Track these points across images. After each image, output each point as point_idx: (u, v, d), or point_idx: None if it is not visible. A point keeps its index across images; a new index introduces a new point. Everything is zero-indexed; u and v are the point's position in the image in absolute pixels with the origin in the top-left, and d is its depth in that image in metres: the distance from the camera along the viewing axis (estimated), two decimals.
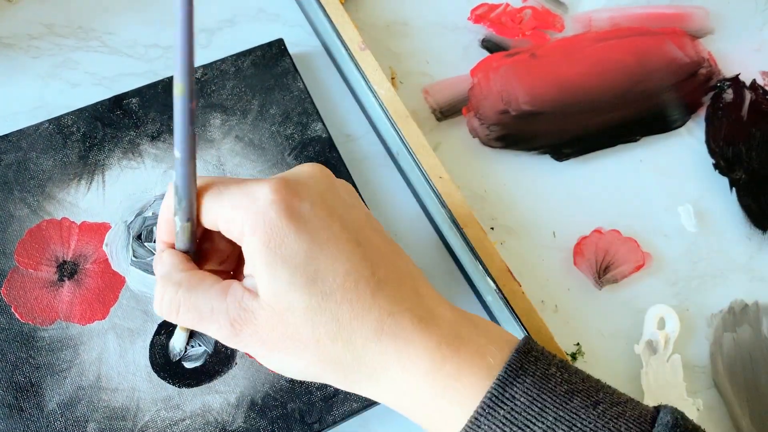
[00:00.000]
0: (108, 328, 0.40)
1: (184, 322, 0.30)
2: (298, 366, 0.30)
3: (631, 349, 0.44)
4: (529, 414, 0.27)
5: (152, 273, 0.42)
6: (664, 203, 0.49)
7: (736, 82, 0.53)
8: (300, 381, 0.40)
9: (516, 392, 0.27)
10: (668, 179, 0.50)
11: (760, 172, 0.50)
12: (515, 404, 0.27)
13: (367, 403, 0.40)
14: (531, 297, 0.43)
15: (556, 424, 0.27)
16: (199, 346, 0.40)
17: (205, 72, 0.47)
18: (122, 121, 0.45)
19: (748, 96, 0.52)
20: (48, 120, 0.45)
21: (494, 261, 0.42)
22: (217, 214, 0.30)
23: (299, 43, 0.51)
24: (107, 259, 0.42)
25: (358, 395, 0.40)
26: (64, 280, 0.41)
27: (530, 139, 0.50)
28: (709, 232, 0.48)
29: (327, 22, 0.49)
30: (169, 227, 0.32)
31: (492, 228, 0.47)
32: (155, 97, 0.46)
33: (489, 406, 0.27)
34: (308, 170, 0.31)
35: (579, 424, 0.27)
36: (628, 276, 0.46)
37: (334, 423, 0.39)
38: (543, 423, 0.27)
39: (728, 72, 0.53)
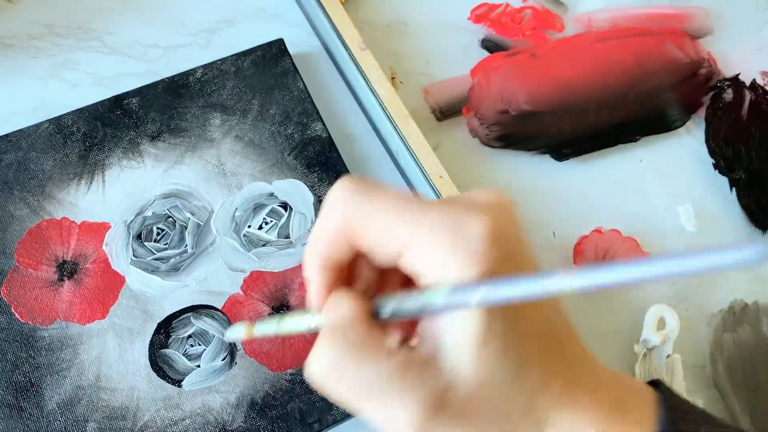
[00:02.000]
0: (107, 328, 0.40)
1: (342, 394, 0.24)
2: None
3: (630, 349, 0.44)
4: None
5: (152, 272, 0.42)
6: (664, 203, 0.49)
7: (735, 82, 0.53)
8: (300, 381, 0.40)
9: None
10: (668, 179, 0.50)
11: (759, 171, 0.50)
12: None
13: None
14: None
15: None
16: (199, 345, 0.40)
17: (205, 72, 0.47)
18: (122, 121, 0.45)
19: (747, 96, 0.52)
20: (48, 120, 0.45)
21: None
22: (406, 243, 0.24)
23: (299, 43, 0.51)
24: (107, 259, 0.42)
25: None
26: (63, 280, 0.41)
27: (530, 139, 0.50)
28: (709, 232, 0.48)
29: (327, 22, 0.49)
30: (330, 256, 0.26)
31: None
32: (155, 97, 0.46)
33: None
34: (501, 205, 0.25)
35: None
36: None
37: (334, 423, 0.39)
38: None
39: (728, 72, 0.53)
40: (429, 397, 0.23)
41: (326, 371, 0.24)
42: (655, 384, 0.29)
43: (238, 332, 0.31)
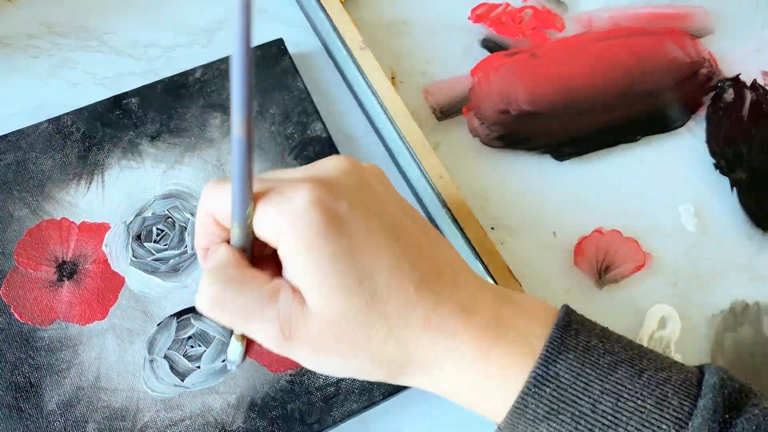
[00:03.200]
0: (107, 329, 0.40)
1: (227, 320, 0.30)
2: (349, 367, 0.30)
3: None
4: (575, 390, 0.27)
5: (151, 273, 0.42)
6: (665, 203, 0.49)
7: (736, 82, 0.53)
8: (299, 382, 0.40)
9: (560, 369, 0.28)
10: (669, 179, 0.50)
11: (760, 172, 0.50)
12: (560, 381, 0.28)
13: (367, 404, 0.40)
14: None
15: (602, 397, 0.27)
16: (199, 346, 0.40)
17: (205, 72, 0.47)
18: (122, 121, 0.45)
19: (748, 96, 0.52)
20: (47, 120, 0.45)
21: (494, 261, 0.42)
22: (262, 222, 0.29)
23: (299, 43, 0.51)
24: (107, 260, 0.42)
25: (357, 396, 0.40)
26: (63, 281, 0.41)
27: (530, 139, 0.49)
28: (710, 232, 0.48)
29: (327, 22, 0.48)
30: (207, 229, 0.31)
31: (492, 228, 0.47)
32: (155, 97, 0.46)
33: (534, 386, 0.28)
34: (338, 165, 0.31)
35: (626, 395, 0.27)
36: (629, 276, 0.46)
37: (334, 423, 0.39)
38: (589, 397, 0.27)
39: (729, 72, 0.53)
40: (283, 321, 0.28)
41: (211, 302, 0.29)
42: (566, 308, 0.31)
43: (233, 351, 0.38)
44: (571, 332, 0.29)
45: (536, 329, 0.29)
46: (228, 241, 0.31)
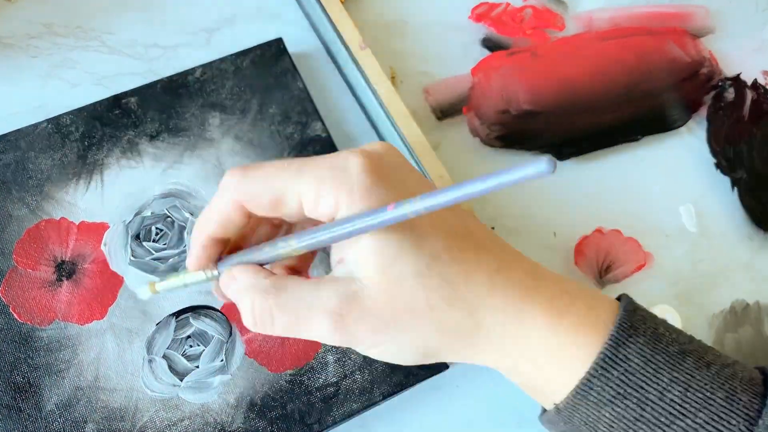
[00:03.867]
0: (106, 328, 0.40)
1: (281, 329, 0.28)
2: (415, 343, 0.28)
3: None
4: (644, 375, 0.27)
5: (150, 273, 0.41)
6: (666, 203, 0.49)
7: (737, 81, 0.53)
8: (299, 382, 0.39)
9: (630, 353, 0.27)
10: (669, 179, 0.50)
11: (761, 171, 0.49)
12: (629, 365, 0.27)
13: (367, 404, 0.39)
14: None
15: (671, 386, 0.26)
16: (198, 345, 0.40)
17: (205, 71, 0.47)
18: (121, 121, 0.45)
19: (749, 95, 0.52)
20: (47, 119, 0.45)
21: None
22: (300, 194, 0.27)
23: (299, 42, 0.51)
24: (106, 259, 0.42)
25: (357, 396, 0.39)
26: (62, 280, 0.41)
27: (531, 139, 0.49)
28: (711, 232, 0.48)
29: (327, 22, 0.48)
30: (224, 217, 0.29)
31: (492, 228, 0.47)
32: (154, 96, 0.46)
33: (602, 367, 0.27)
34: (382, 147, 0.30)
35: (695, 385, 0.26)
36: (630, 276, 0.46)
37: (334, 423, 0.39)
38: (658, 384, 0.27)
39: (729, 71, 0.53)
40: (334, 306, 0.27)
41: (260, 317, 0.28)
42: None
43: (143, 291, 0.33)
44: (639, 317, 0.28)
45: (603, 307, 0.28)
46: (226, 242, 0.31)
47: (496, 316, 0.27)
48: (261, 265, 0.30)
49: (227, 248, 0.32)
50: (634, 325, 0.28)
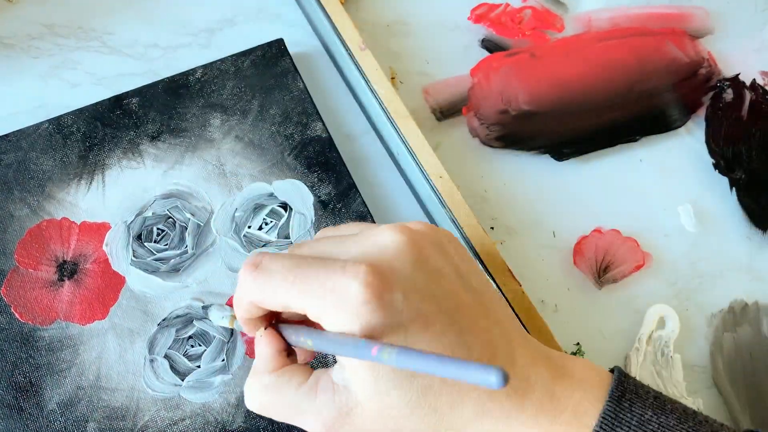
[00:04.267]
0: (108, 328, 0.40)
1: (279, 419, 0.31)
2: None
3: (630, 349, 0.44)
4: None
5: (152, 273, 0.42)
6: (664, 203, 0.49)
7: (735, 82, 0.53)
8: None
9: None
10: (668, 179, 0.50)
11: (760, 171, 0.50)
12: None
13: None
14: (531, 297, 0.43)
15: None
16: (199, 345, 0.40)
17: (205, 72, 0.47)
18: (122, 121, 0.45)
19: (747, 96, 0.52)
20: (48, 120, 0.45)
21: (494, 261, 0.42)
22: (305, 311, 0.28)
23: (299, 43, 0.51)
24: (107, 259, 0.42)
25: None
26: (64, 280, 0.41)
27: (530, 139, 0.50)
28: (709, 232, 0.48)
29: (327, 22, 0.49)
30: (248, 310, 0.31)
31: (492, 228, 0.47)
32: (155, 97, 0.46)
33: None
34: (393, 241, 0.29)
35: None
36: (628, 276, 0.46)
37: None
38: None
39: (728, 72, 0.53)
40: (331, 416, 0.28)
41: (258, 408, 0.31)
42: (613, 371, 0.31)
43: (221, 320, 0.37)
44: (625, 405, 0.28)
45: (590, 406, 0.29)
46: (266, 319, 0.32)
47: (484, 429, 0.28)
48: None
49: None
50: (618, 416, 0.28)
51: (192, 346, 0.40)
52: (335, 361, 0.32)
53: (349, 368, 0.28)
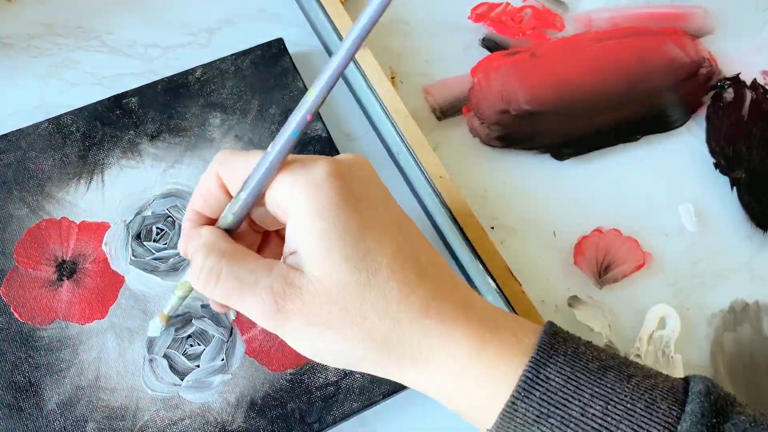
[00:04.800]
0: (107, 328, 0.40)
1: (222, 292, 0.29)
2: (340, 347, 0.29)
3: (631, 349, 0.44)
4: (565, 393, 0.28)
5: (151, 272, 0.42)
6: (665, 203, 0.49)
7: (736, 81, 0.53)
8: (299, 381, 0.40)
9: (550, 372, 0.28)
10: (669, 179, 0.50)
11: (760, 171, 0.50)
12: (550, 385, 0.28)
13: (367, 403, 0.40)
14: (531, 297, 0.43)
15: (592, 401, 0.27)
16: (198, 345, 0.40)
17: (205, 71, 0.47)
18: (121, 121, 0.45)
19: (748, 95, 0.52)
20: (47, 119, 0.45)
21: (494, 260, 0.42)
22: (275, 189, 0.30)
23: (299, 42, 0.51)
24: (106, 259, 0.42)
25: (357, 395, 0.39)
26: (63, 280, 0.41)
27: (530, 139, 0.50)
28: (710, 232, 0.48)
29: (327, 22, 0.49)
30: (209, 194, 0.32)
31: (492, 228, 0.47)
32: (155, 96, 0.46)
33: (524, 388, 0.28)
34: (355, 159, 0.32)
35: (615, 398, 0.27)
36: (629, 275, 0.46)
37: (334, 423, 0.39)
38: (579, 400, 0.27)
39: (728, 71, 0.53)
40: (277, 290, 0.28)
41: (207, 275, 0.29)
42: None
43: (155, 325, 0.37)
44: (560, 339, 0.29)
45: (529, 334, 0.29)
46: (213, 223, 0.32)
47: (425, 341, 0.29)
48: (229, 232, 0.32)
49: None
50: (554, 346, 0.29)
51: (191, 346, 0.40)
52: None
53: (303, 251, 0.29)
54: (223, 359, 0.40)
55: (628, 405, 0.27)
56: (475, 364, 0.29)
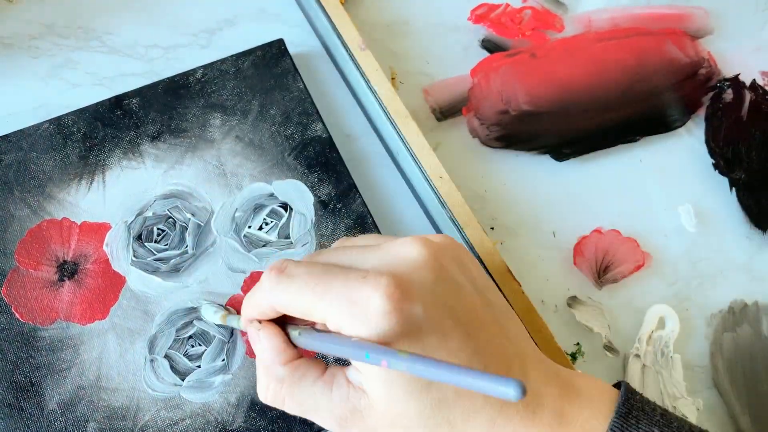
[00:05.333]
0: (108, 328, 0.40)
1: (290, 411, 0.31)
2: None
3: (630, 349, 0.44)
4: None
5: (152, 273, 0.42)
6: (664, 203, 0.49)
7: (735, 82, 0.53)
8: None
9: None
10: (668, 179, 0.50)
11: (760, 172, 0.50)
12: None
13: None
14: (531, 297, 0.43)
15: None
16: (199, 345, 0.40)
17: (205, 72, 0.47)
18: (122, 122, 0.45)
19: (747, 96, 0.52)
20: (48, 120, 0.45)
21: (494, 261, 0.42)
22: (324, 318, 0.29)
23: (299, 43, 0.51)
24: (107, 259, 0.42)
25: None
26: (64, 280, 0.41)
27: (530, 139, 0.50)
28: (709, 232, 0.48)
29: (327, 22, 0.49)
30: (262, 311, 0.31)
31: (492, 228, 0.47)
32: (155, 97, 0.46)
33: None
34: (413, 253, 0.29)
35: None
36: (628, 276, 0.46)
37: None
38: None
39: (728, 72, 0.53)
40: (344, 414, 0.29)
41: (272, 400, 0.31)
42: (618, 385, 0.31)
43: (213, 316, 0.38)
44: (632, 421, 0.28)
45: (598, 424, 0.29)
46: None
47: None
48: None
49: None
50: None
51: (192, 346, 0.40)
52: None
53: (365, 371, 0.28)
54: (223, 360, 0.40)
55: None
56: None
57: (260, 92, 0.47)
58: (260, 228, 0.43)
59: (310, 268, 0.29)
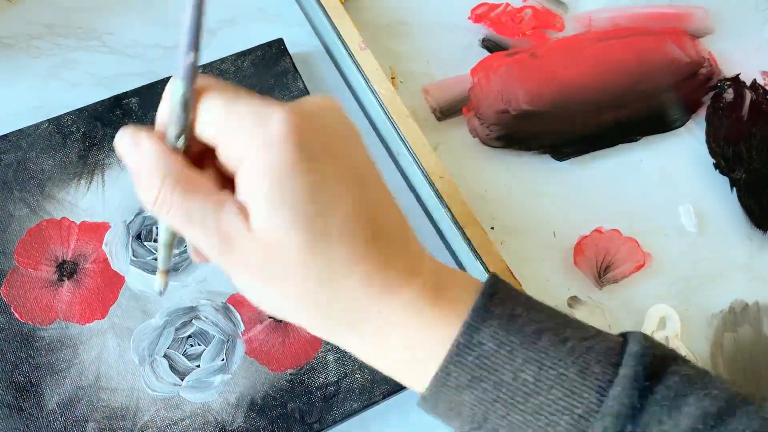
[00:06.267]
0: (107, 328, 0.40)
1: (170, 222, 0.28)
2: (278, 303, 0.29)
3: None
4: (498, 357, 0.27)
5: (151, 272, 0.42)
6: (665, 203, 0.49)
7: (736, 81, 0.53)
8: (299, 381, 0.40)
9: (483, 337, 0.28)
10: (668, 179, 0.50)
11: (760, 171, 0.50)
12: (483, 349, 0.27)
13: (367, 403, 0.40)
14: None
15: (525, 365, 0.27)
16: (198, 345, 0.40)
17: (205, 71, 0.47)
18: (122, 121, 0.45)
19: (748, 96, 0.52)
20: (48, 120, 0.45)
21: (494, 261, 0.42)
22: (218, 125, 0.28)
23: (299, 42, 0.51)
24: (107, 259, 0.42)
25: (357, 395, 0.40)
26: (63, 280, 0.41)
27: (530, 139, 0.50)
28: (710, 232, 0.48)
29: (327, 22, 0.49)
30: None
31: (492, 228, 0.47)
32: (155, 97, 0.46)
33: (457, 354, 0.27)
34: (322, 102, 0.29)
35: (548, 362, 0.27)
36: (629, 276, 0.46)
37: (334, 423, 0.39)
38: (512, 365, 0.27)
39: (728, 72, 0.53)
40: (223, 232, 0.27)
41: (159, 204, 0.28)
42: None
43: (158, 284, 0.34)
44: (496, 301, 0.29)
45: (467, 298, 0.29)
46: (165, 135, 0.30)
47: (364, 309, 0.28)
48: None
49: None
50: (490, 309, 0.28)
51: (191, 346, 0.40)
52: None
53: (252, 207, 0.27)
54: (223, 359, 0.40)
55: (561, 369, 0.27)
56: (409, 333, 0.28)
57: (260, 92, 0.47)
58: None
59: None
